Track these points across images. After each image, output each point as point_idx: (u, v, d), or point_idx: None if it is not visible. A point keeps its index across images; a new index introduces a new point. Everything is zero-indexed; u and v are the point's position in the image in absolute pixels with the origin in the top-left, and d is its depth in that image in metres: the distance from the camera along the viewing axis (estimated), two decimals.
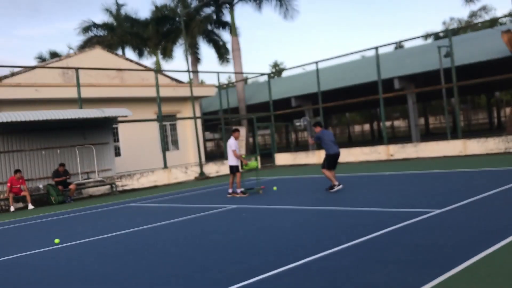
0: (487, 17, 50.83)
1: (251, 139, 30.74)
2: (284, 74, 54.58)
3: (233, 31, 29.68)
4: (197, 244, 6.89)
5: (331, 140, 11.47)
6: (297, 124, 13.30)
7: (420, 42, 44.51)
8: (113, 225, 9.74)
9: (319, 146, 14.40)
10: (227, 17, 32.24)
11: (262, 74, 31.25)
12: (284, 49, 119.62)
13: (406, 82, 25.54)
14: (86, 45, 33.96)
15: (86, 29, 34.84)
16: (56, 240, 8.39)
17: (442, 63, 22.44)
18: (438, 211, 7.35)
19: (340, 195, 10.55)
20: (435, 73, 24.24)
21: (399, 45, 31.38)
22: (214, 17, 32.37)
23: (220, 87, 26.25)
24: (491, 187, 9.28)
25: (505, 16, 34.13)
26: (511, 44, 19.46)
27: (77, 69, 18.65)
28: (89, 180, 17.32)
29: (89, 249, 7.39)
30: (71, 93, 19.34)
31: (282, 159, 24.68)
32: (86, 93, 19.56)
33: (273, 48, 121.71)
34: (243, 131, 23.51)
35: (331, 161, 11.45)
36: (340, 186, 11.28)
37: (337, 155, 11.49)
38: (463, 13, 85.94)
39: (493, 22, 39.21)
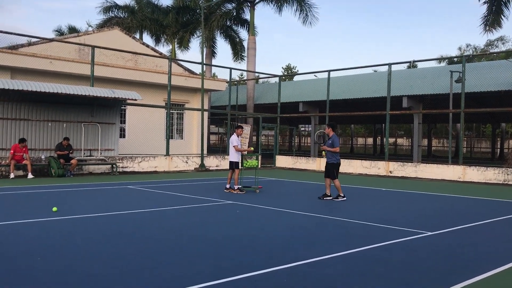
0: (503, 48, 50.88)
1: (254, 138, 30.90)
2: (296, 78, 54.70)
3: (251, 30, 29.84)
4: (188, 235, 7.06)
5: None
6: (318, 135, 13.19)
7: (433, 64, 44.59)
8: (109, 205, 9.94)
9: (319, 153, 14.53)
10: (246, 15, 32.44)
11: (274, 76, 31.41)
12: (299, 54, 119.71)
13: (414, 102, 25.70)
14: (105, 25, 34.19)
15: (107, 9, 35.05)
16: (54, 208, 8.60)
17: (453, 88, 22.58)
18: (429, 233, 7.50)
19: (335, 205, 10.72)
20: (444, 97, 24.39)
21: (412, 65, 31.49)
22: (234, 13, 32.52)
23: (231, 83, 26.42)
24: (485, 216, 9.42)
25: None
26: None
27: (93, 47, 18.84)
28: (91, 157, 17.52)
29: (82, 226, 7.55)
30: (85, 70, 19.54)
31: (282, 161, 24.85)
32: (99, 71, 19.77)
33: (288, 51, 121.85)
34: (248, 129, 23.75)
35: (338, 170, 11.66)
36: (330, 198, 11.54)
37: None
38: (480, 40, 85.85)
39: (509, 54, 39.27)
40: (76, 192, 12.05)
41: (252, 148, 13.72)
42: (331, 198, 11.56)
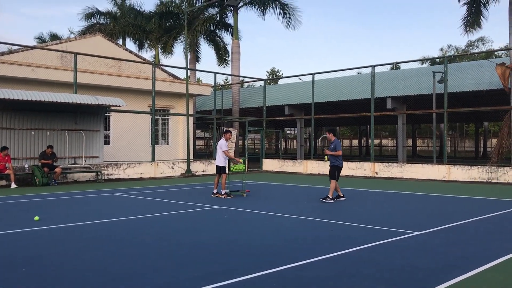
0: (483, 48, 51.72)
1: (240, 142, 30.88)
2: (280, 82, 54.91)
3: (235, 34, 29.86)
4: (177, 241, 7.01)
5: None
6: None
7: (416, 65, 45.12)
8: (95, 213, 9.82)
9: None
10: (230, 20, 32.45)
11: (259, 80, 31.45)
12: (283, 57, 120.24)
13: (398, 103, 25.94)
14: (87, 31, 33.96)
15: (89, 16, 34.83)
16: (36, 218, 8.47)
17: (436, 88, 22.85)
18: (416, 233, 7.56)
19: (323, 208, 10.74)
20: (427, 97, 24.67)
21: (395, 66, 31.83)
22: (218, 18, 32.52)
23: (216, 87, 26.37)
24: (471, 215, 9.53)
25: (501, 49, 34.77)
26: (504, 77, 19.91)
27: (75, 53, 18.68)
28: (76, 165, 17.33)
29: (68, 235, 7.46)
30: (67, 77, 19.35)
31: (269, 165, 24.86)
32: (82, 78, 19.59)
33: (272, 55, 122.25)
34: (234, 133, 23.71)
35: (339, 173, 12.01)
36: (343, 198, 12.05)
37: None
38: (461, 41, 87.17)
39: (489, 54, 39.94)
40: (61, 201, 11.89)
41: (241, 160, 13.50)
42: (344, 198, 12.07)
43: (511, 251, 6.23)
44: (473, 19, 22.78)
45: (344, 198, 12.08)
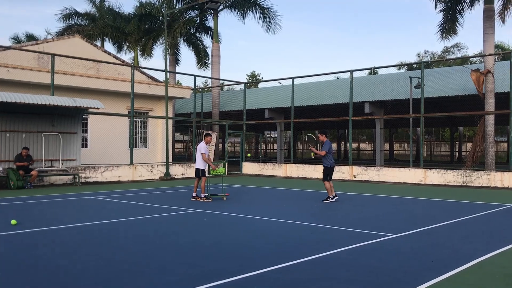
0: (459, 54, 52.83)
1: (220, 145, 30.82)
2: (260, 85, 55.01)
3: (215, 37, 29.84)
4: (156, 244, 6.97)
5: (332, 153, 12.59)
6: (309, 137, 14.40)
7: (393, 70, 45.80)
8: (72, 217, 9.68)
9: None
10: (210, 23, 32.42)
11: (239, 83, 31.49)
12: (263, 61, 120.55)
13: (376, 107, 26.30)
14: (65, 32, 33.46)
15: (66, 17, 34.33)
16: (13, 221, 8.30)
17: (412, 93, 23.24)
18: (394, 235, 7.67)
19: (302, 210, 10.81)
20: (404, 102, 25.09)
21: (373, 71, 32.26)
22: (197, 21, 32.45)
23: (195, 90, 26.29)
24: (447, 217, 9.71)
25: (475, 56, 35.57)
26: (478, 83, 20.38)
27: (53, 55, 18.40)
28: (52, 168, 17.05)
29: (44, 239, 7.33)
30: (44, 78, 19.03)
31: (249, 168, 24.88)
32: (60, 80, 19.30)
33: (252, 58, 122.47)
34: (214, 136, 23.66)
35: (331, 173, 12.38)
36: (336, 198, 12.30)
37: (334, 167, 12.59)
38: (437, 47, 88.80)
39: (464, 60, 40.82)
40: (37, 204, 11.68)
41: (220, 166, 13.49)
42: (336, 197, 12.35)
43: (484, 253, 6.39)
44: (449, 26, 23.26)
45: (337, 197, 12.41)
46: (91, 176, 18.33)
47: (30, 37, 41.72)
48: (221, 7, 29.46)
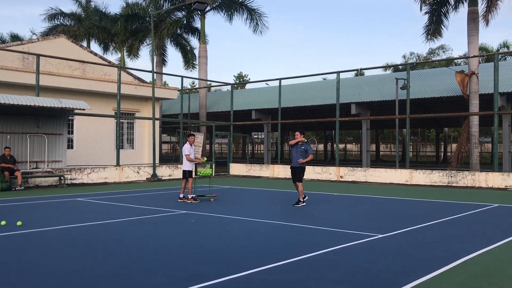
0: (444, 56, 53.44)
1: (208, 146, 30.76)
2: (248, 86, 55.06)
3: (202, 38, 29.79)
4: (143, 246, 6.93)
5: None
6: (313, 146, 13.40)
7: (379, 71, 46.12)
8: (58, 219, 9.57)
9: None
10: (197, 24, 32.35)
11: (226, 84, 31.49)
12: (250, 62, 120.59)
13: (362, 109, 26.49)
14: (50, 33, 33.11)
15: (52, 17, 33.98)
16: (3, 222, 8.21)
17: (398, 94, 23.45)
18: (380, 235, 7.73)
19: (289, 211, 10.84)
20: (390, 103, 25.30)
21: (359, 73, 32.48)
22: (184, 22, 32.35)
23: (182, 91, 26.21)
24: (432, 217, 9.82)
25: (460, 57, 36.02)
26: (463, 84, 20.64)
27: (38, 55, 18.20)
28: (37, 169, 16.85)
29: (31, 241, 7.26)
30: (29, 79, 18.80)
31: (236, 169, 24.87)
32: (45, 81, 19.08)
33: (240, 59, 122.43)
34: (201, 137, 23.61)
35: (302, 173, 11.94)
36: (305, 204, 11.70)
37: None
38: (422, 49, 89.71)
39: (449, 62, 41.29)
40: (22, 206, 11.53)
41: (204, 159, 13.57)
42: (305, 198, 11.84)
43: (470, 252, 6.47)
44: (434, 28, 23.51)
45: (306, 198, 11.90)
46: (77, 177, 18.17)
47: (15, 37, 41.20)
48: (208, 8, 29.43)
